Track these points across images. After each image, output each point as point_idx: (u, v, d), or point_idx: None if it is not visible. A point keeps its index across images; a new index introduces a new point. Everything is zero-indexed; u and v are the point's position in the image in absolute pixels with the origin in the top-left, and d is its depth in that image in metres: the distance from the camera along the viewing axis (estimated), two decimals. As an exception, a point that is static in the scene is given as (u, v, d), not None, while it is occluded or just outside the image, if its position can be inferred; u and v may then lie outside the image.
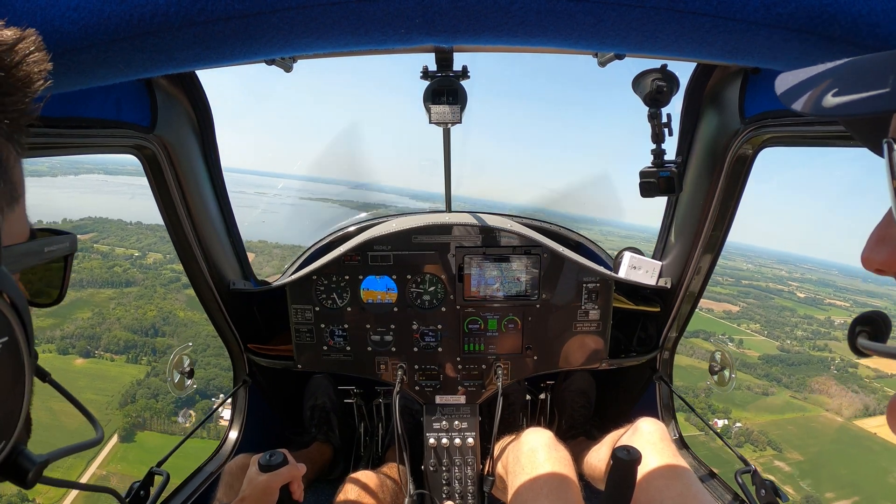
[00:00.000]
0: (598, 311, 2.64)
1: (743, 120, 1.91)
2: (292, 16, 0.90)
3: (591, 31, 0.94)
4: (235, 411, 2.92)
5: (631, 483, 1.42)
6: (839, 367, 53.11)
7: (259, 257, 55.99)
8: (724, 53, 0.97)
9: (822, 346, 57.74)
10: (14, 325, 0.66)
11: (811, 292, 76.03)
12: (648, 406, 2.92)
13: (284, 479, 1.78)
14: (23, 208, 0.75)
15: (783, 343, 58.98)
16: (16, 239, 0.74)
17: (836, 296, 74.26)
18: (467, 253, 2.55)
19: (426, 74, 1.89)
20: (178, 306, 46.21)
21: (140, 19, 0.88)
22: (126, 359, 42.58)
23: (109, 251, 56.73)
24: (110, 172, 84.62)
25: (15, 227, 0.73)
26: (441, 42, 1.00)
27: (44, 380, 0.97)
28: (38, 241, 0.77)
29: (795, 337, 60.91)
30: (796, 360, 54.46)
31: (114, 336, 44.25)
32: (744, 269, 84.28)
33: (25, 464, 0.70)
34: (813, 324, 63.66)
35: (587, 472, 2.35)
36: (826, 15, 0.84)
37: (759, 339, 59.53)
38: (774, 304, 70.18)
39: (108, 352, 42.93)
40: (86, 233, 57.40)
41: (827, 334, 60.29)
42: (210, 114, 2.26)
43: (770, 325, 63.42)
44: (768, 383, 50.36)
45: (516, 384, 3.06)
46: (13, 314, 0.65)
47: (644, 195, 2.15)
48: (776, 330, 62.22)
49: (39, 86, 0.72)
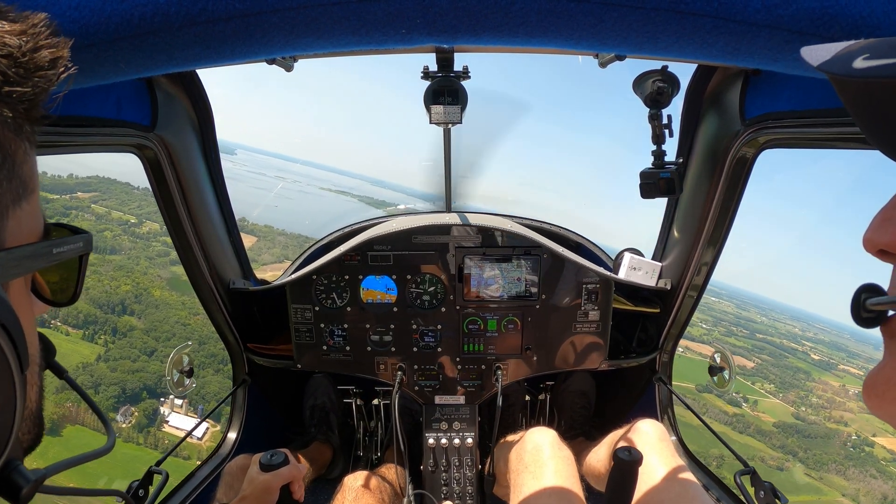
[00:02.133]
0: (597, 312, 2.64)
1: (743, 121, 1.91)
2: (293, 16, 0.90)
3: (591, 32, 0.94)
4: (235, 411, 2.92)
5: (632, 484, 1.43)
6: (855, 444, 52.66)
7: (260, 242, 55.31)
8: (725, 55, 0.97)
9: (837, 417, 57.05)
10: (5, 349, 0.62)
11: (825, 355, 75.28)
12: (648, 407, 2.92)
13: (285, 479, 1.78)
14: (35, 204, 0.73)
15: (798, 409, 58.37)
16: (26, 237, 0.72)
17: (850, 361, 73.57)
18: (467, 253, 2.55)
19: (427, 75, 1.89)
20: (156, 284, 44.71)
21: (141, 18, 0.88)
22: (83, 335, 40.80)
23: (105, 213, 55.00)
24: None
25: (25, 225, 0.71)
26: (442, 42, 1.00)
27: (60, 377, 0.96)
28: (46, 242, 0.74)
29: (811, 404, 60.26)
30: (812, 431, 53.69)
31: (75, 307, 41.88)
32: (758, 321, 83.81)
33: (20, 480, 0.68)
34: (828, 391, 62.94)
35: (586, 472, 2.35)
36: (827, 17, 0.84)
37: (774, 401, 59.06)
38: (789, 364, 69.66)
39: (66, 324, 41.05)
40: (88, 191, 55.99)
41: (842, 404, 59.67)
42: (210, 113, 2.27)
43: (785, 386, 62.83)
44: (783, 456, 49.71)
45: (516, 384, 3.06)
46: (4, 337, 0.62)
47: (644, 196, 2.16)
48: (791, 393, 61.61)
49: (53, 74, 0.70)
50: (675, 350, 2.82)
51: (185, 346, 2.65)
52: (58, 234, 0.81)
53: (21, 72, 0.65)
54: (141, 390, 36.49)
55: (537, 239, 2.56)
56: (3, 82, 0.63)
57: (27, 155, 0.70)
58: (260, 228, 60.79)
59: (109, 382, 36.14)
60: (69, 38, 0.72)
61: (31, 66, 0.66)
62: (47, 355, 0.86)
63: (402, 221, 2.64)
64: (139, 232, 51.45)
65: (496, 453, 2.42)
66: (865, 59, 0.59)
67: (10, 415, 0.64)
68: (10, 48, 0.64)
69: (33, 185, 0.72)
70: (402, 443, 2.41)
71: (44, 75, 0.68)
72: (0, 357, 0.62)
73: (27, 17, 0.69)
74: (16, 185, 0.68)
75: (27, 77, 0.66)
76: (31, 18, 0.69)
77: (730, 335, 74.00)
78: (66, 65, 0.72)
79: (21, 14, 0.69)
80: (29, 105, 0.68)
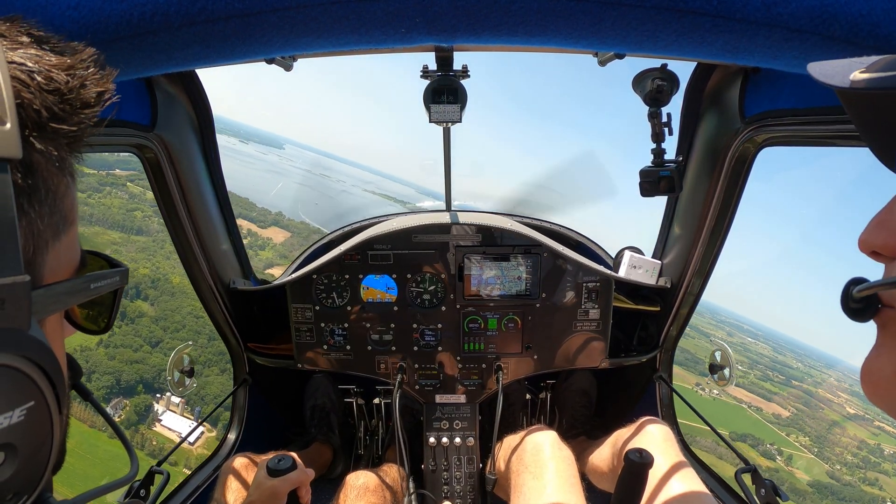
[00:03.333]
0: (598, 311, 2.64)
1: (743, 119, 1.91)
2: (292, 15, 0.90)
3: (591, 31, 0.94)
4: (235, 411, 2.92)
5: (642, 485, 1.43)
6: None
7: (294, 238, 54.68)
8: (725, 53, 0.97)
9: (872, 479, 56.09)
10: (42, 387, 0.61)
11: (860, 408, 74.13)
12: (649, 405, 2.92)
13: (293, 485, 1.77)
14: (74, 235, 0.72)
15: (833, 468, 57.19)
16: (64, 269, 0.71)
17: (885, 419, 71.63)
18: (467, 252, 2.55)
19: (426, 73, 1.88)
20: (177, 270, 43.17)
21: (140, 18, 0.88)
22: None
23: (140, 193, 53.82)
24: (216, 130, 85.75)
25: (64, 257, 0.70)
26: (441, 41, 1.00)
27: (85, 399, 0.95)
28: (84, 277, 0.73)
29: (846, 462, 59.04)
30: (848, 494, 52.53)
31: None
32: (793, 366, 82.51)
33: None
34: (863, 448, 61.87)
35: (589, 471, 2.35)
36: (827, 15, 0.84)
37: (809, 457, 57.98)
38: (824, 417, 68.30)
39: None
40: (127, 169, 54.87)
41: (877, 465, 58.82)
42: (210, 112, 2.26)
43: (820, 442, 61.64)
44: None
45: (516, 383, 3.06)
46: (41, 375, 0.61)
47: (644, 194, 2.16)
48: (826, 449, 60.48)
49: (99, 109, 0.69)
50: (675, 348, 2.82)
51: (185, 345, 2.65)
52: (94, 263, 0.80)
53: (68, 108, 0.64)
54: (137, 383, 35.58)
55: (537, 237, 2.56)
56: (49, 119, 0.62)
57: (69, 188, 0.69)
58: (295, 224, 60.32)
59: (104, 371, 35.42)
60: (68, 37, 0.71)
61: (78, 103, 0.65)
62: (73, 376, 0.86)
63: (403, 220, 2.64)
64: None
65: (497, 453, 2.42)
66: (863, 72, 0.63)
67: (45, 453, 0.64)
68: (58, 84, 0.63)
69: (73, 217, 0.71)
70: (402, 442, 2.41)
71: (90, 112, 0.67)
72: (40, 401, 0.62)
73: (75, 51, 0.67)
74: (56, 220, 0.67)
75: (73, 114, 0.64)
76: (78, 53, 0.67)
77: (766, 379, 72.95)
78: (111, 96, 0.71)
79: (68, 45, 0.67)
80: (73, 140, 0.66)
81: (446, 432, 2.75)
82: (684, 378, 59.38)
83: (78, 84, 0.65)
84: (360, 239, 2.57)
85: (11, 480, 0.59)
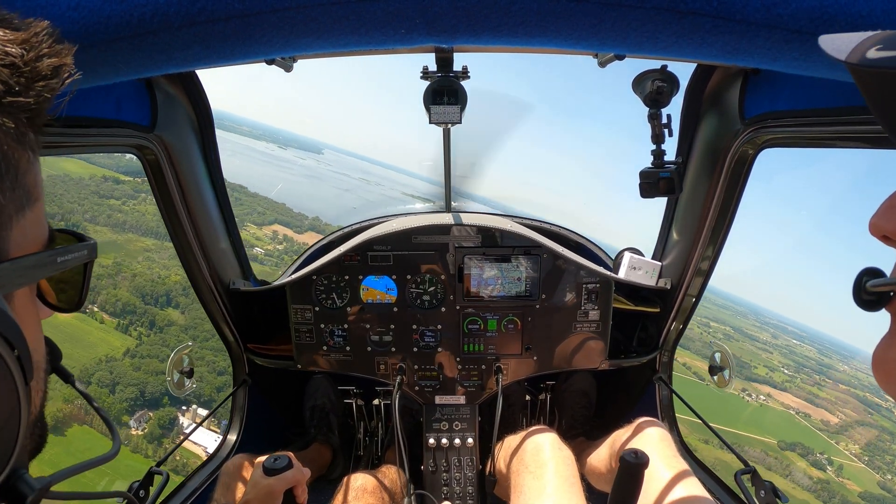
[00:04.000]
0: (597, 312, 2.64)
1: (743, 121, 1.91)
2: (292, 15, 0.90)
3: (591, 32, 0.94)
4: (235, 411, 2.92)
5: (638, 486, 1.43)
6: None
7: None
8: (724, 54, 0.97)
9: None
10: (6, 356, 0.62)
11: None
12: (648, 407, 2.92)
13: (289, 484, 1.77)
14: (40, 211, 0.73)
15: (884, 477, 55.33)
16: (31, 245, 0.71)
17: None
18: (467, 253, 2.55)
19: (426, 74, 1.88)
20: None
21: (140, 19, 0.88)
22: (117, 324, 38.27)
23: None
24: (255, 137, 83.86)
25: (30, 233, 0.71)
26: (441, 42, 1.00)
27: (66, 381, 0.95)
28: (50, 251, 0.74)
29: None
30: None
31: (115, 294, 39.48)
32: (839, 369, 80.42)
33: (25, 489, 0.67)
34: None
35: (588, 472, 2.35)
36: (826, 16, 0.84)
37: (859, 466, 55.97)
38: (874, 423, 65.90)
39: (103, 310, 38.83)
40: None
41: None
42: (210, 113, 2.27)
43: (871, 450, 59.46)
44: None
45: (516, 384, 3.06)
46: (4, 345, 0.62)
47: (644, 195, 2.15)
48: (877, 458, 58.37)
49: (56, 83, 0.69)
50: (675, 350, 2.82)
51: (185, 346, 2.65)
52: (63, 242, 0.80)
53: (23, 81, 0.64)
54: (162, 395, 33.75)
55: (537, 239, 2.56)
56: (5, 92, 0.62)
57: (31, 164, 0.70)
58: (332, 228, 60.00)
59: (129, 382, 33.74)
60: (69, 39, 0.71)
61: (34, 75, 0.65)
62: (53, 360, 0.85)
63: (402, 221, 2.64)
64: None
65: (497, 453, 2.42)
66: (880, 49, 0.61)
67: (14, 426, 0.64)
68: (13, 57, 0.63)
69: (37, 193, 0.71)
70: (402, 443, 2.41)
71: (46, 84, 0.67)
72: (4, 370, 0.62)
73: (30, 25, 0.68)
74: (20, 195, 0.67)
75: (29, 87, 0.65)
76: (33, 27, 0.68)
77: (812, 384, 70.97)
78: (69, 72, 0.71)
79: (24, 22, 0.68)
80: (32, 114, 0.67)
81: (446, 433, 2.75)
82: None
83: (33, 57, 0.65)
84: (359, 240, 2.57)
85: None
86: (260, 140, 54.20)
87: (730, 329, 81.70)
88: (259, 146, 40.02)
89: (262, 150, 41.85)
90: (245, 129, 76.45)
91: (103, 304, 39.03)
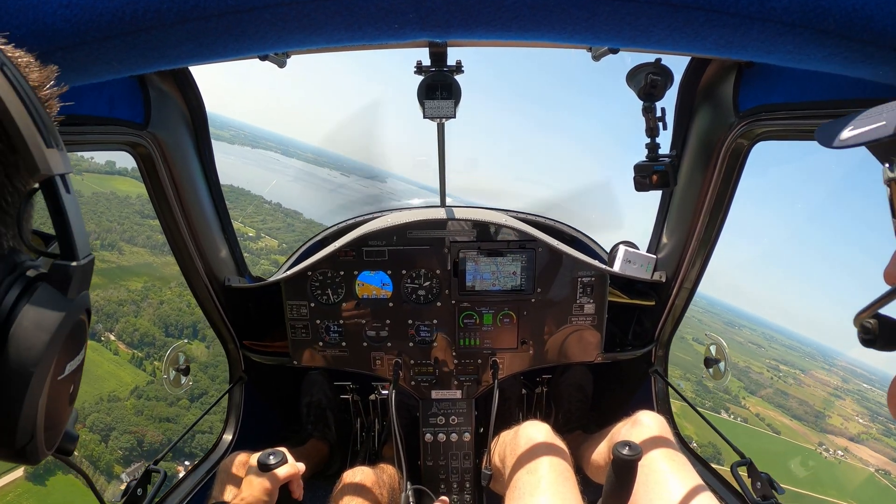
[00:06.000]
0: (593, 305, 2.64)
1: (737, 114, 1.92)
2: (285, 11, 0.90)
3: (584, 26, 0.94)
4: (231, 408, 2.92)
5: (632, 477, 1.43)
6: None
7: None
8: (718, 47, 0.98)
9: None
10: (86, 332, 0.78)
11: None
12: (645, 400, 2.94)
13: (284, 479, 1.78)
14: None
15: None
16: None
17: None
18: (462, 248, 2.55)
19: (420, 69, 1.88)
20: None
21: (133, 16, 0.87)
22: (131, 357, 35.04)
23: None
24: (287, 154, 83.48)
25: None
26: (434, 37, 0.99)
27: None
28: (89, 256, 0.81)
29: None
30: None
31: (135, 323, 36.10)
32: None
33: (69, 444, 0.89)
34: None
35: (585, 465, 2.36)
36: (820, 9, 0.85)
37: None
38: None
39: (120, 339, 35.69)
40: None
41: None
42: (204, 110, 2.26)
43: None
44: None
45: (512, 378, 3.07)
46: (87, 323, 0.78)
47: (639, 189, 2.16)
48: None
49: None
50: (670, 342, 2.83)
51: (182, 343, 2.65)
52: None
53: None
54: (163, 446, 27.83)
55: (532, 233, 2.56)
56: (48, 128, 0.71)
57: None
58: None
59: (125, 429, 29.94)
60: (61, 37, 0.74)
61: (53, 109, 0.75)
62: None
63: (397, 216, 2.64)
64: (252, 247, 47.57)
65: (492, 448, 2.43)
66: (850, 130, 0.76)
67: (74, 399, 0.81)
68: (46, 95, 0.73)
69: None
70: (399, 438, 2.42)
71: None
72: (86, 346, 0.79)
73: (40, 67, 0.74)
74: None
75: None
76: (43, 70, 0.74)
77: (888, 434, 63.55)
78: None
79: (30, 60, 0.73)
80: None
81: (442, 428, 2.75)
82: (806, 436, 55.63)
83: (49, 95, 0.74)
84: (354, 235, 2.57)
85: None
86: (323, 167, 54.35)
87: (799, 372, 78.64)
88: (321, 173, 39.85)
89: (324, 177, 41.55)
90: (310, 157, 76.29)
91: (120, 333, 36.50)
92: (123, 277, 40.59)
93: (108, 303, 37.18)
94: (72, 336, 0.71)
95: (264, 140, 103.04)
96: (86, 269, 0.73)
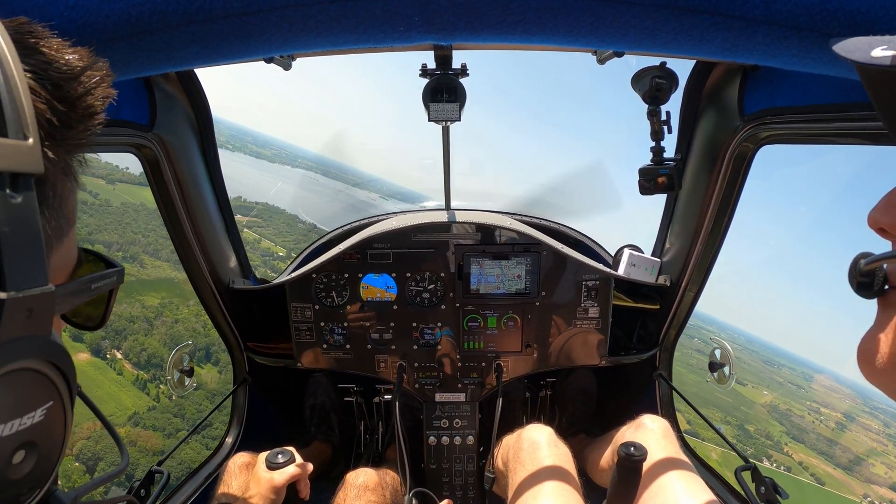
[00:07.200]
0: (597, 309, 2.64)
1: (742, 117, 1.91)
2: (291, 14, 0.90)
3: (589, 29, 0.94)
4: (235, 410, 2.92)
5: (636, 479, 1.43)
6: None
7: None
8: (723, 51, 0.97)
9: None
10: (59, 386, 0.65)
11: None
12: (649, 404, 2.92)
13: (292, 478, 1.79)
14: (73, 235, 0.74)
15: None
16: (64, 268, 0.73)
17: None
18: (467, 251, 2.55)
19: (425, 72, 1.88)
20: None
21: (138, 18, 0.88)
22: (135, 379, 33.11)
23: (254, 241, 51.08)
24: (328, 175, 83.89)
25: (64, 258, 0.72)
26: (439, 40, 1.00)
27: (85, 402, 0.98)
28: (86, 279, 0.75)
29: None
30: None
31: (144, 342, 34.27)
32: None
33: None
34: None
35: (589, 468, 2.35)
36: (825, 12, 0.84)
37: None
38: None
39: (127, 358, 33.67)
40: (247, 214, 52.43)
41: None
42: (209, 112, 2.26)
43: None
44: None
45: (516, 382, 3.06)
46: (58, 376, 0.65)
47: (643, 193, 2.16)
48: None
49: (102, 115, 0.70)
50: (675, 346, 2.82)
51: (185, 345, 2.65)
52: (90, 264, 0.82)
53: (75, 116, 0.65)
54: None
55: (537, 236, 2.56)
56: (60, 127, 0.63)
57: (72, 191, 0.71)
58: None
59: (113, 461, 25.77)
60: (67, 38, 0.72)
61: (85, 109, 0.67)
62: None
63: (402, 219, 2.64)
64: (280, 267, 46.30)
65: (495, 451, 2.43)
66: (885, 49, 0.63)
67: (58, 448, 0.67)
68: (68, 91, 0.64)
69: (73, 218, 0.73)
70: (402, 441, 2.42)
71: (97, 118, 0.69)
72: (57, 400, 0.64)
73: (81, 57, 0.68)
74: (61, 223, 0.68)
75: (80, 121, 0.66)
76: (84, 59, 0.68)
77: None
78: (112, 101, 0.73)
79: (75, 50, 0.68)
80: (78, 145, 0.68)
81: (446, 431, 2.75)
82: (849, 486, 54.10)
83: (84, 91, 0.66)
84: (359, 238, 2.57)
85: (29, 476, 0.62)
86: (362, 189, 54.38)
87: (841, 416, 77.41)
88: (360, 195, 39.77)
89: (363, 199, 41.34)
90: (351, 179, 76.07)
91: (127, 352, 34.75)
92: (141, 292, 39.90)
93: (118, 318, 36.01)
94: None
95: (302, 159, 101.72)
96: (33, 303, 0.56)
